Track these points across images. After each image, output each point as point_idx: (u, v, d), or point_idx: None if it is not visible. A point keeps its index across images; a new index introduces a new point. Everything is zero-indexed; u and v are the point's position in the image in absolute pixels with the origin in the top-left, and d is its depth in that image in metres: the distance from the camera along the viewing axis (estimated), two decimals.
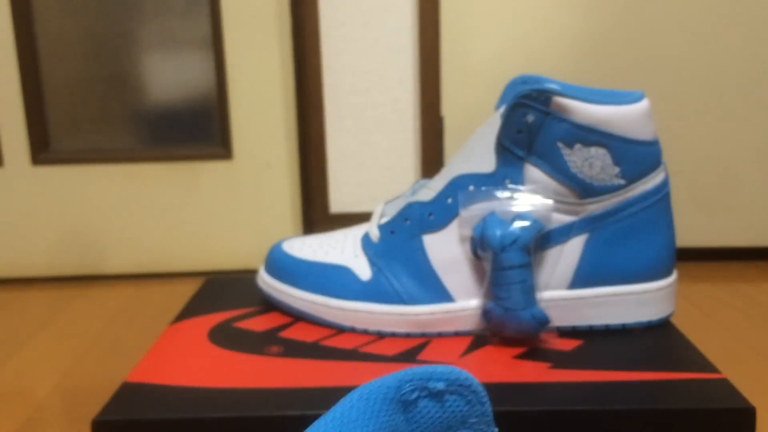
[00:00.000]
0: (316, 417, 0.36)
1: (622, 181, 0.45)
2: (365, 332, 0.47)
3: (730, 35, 1.14)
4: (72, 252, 1.19)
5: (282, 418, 0.37)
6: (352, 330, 0.47)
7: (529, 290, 0.43)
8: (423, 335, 0.47)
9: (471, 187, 0.46)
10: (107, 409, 0.38)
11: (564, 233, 0.45)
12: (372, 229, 0.49)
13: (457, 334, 0.47)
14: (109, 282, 1.17)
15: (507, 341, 0.45)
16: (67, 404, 0.72)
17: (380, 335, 0.47)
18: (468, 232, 0.45)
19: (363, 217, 1.18)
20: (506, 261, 0.43)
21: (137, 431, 0.37)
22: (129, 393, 0.39)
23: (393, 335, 0.47)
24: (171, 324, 0.50)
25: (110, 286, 1.14)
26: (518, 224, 0.43)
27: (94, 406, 0.70)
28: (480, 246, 0.44)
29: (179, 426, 0.37)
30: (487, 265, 0.44)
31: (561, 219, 0.45)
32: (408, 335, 0.47)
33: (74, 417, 0.69)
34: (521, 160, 0.45)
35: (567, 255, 0.46)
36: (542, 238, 0.45)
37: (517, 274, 0.43)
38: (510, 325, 0.44)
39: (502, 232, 0.43)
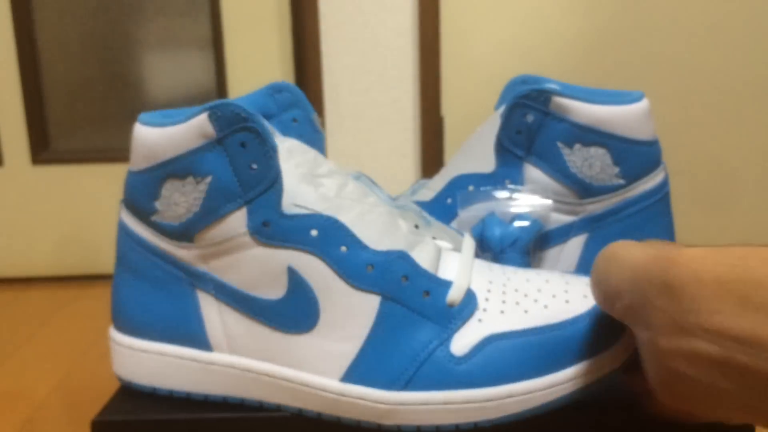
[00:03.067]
0: (315, 417, 0.36)
1: (621, 181, 0.45)
2: None
3: (730, 35, 1.14)
4: (72, 252, 1.19)
5: (282, 418, 0.37)
6: None
7: None
8: None
9: (470, 187, 0.46)
10: (107, 409, 0.38)
11: (564, 233, 0.45)
12: None
13: None
14: (109, 282, 1.17)
15: None
16: (67, 404, 0.72)
17: None
18: (467, 232, 0.45)
19: None
20: (506, 261, 0.43)
21: (137, 431, 0.37)
22: (129, 393, 0.39)
23: None
24: None
25: (110, 286, 1.14)
26: (518, 224, 0.43)
27: (94, 406, 0.70)
28: (479, 246, 0.44)
29: (179, 426, 0.37)
30: None
31: (561, 219, 0.45)
32: None
33: (74, 417, 0.69)
34: (521, 160, 0.45)
35: (567, 255, 0.45)
36: (542, 239, 0.45)
37: None
38: None
39: (502, 233, 0.43)
